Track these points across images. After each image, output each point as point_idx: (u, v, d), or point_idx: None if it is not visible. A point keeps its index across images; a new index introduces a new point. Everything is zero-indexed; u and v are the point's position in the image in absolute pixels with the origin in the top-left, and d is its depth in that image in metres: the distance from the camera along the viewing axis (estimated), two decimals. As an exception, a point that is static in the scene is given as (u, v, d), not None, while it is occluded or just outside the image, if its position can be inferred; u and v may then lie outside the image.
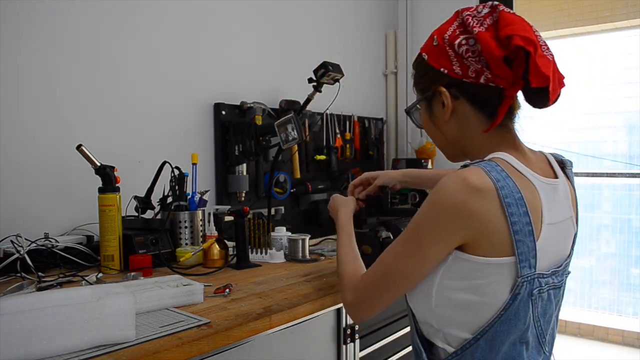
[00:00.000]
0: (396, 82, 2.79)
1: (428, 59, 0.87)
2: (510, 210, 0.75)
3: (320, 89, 1.65)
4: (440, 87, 0.86)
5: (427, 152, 2.54)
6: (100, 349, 0.78)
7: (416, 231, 0.80)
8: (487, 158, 0.82)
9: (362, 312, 0.91)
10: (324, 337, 1.29)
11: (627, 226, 3.32)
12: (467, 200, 0.74)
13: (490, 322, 0.79)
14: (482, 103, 0.84)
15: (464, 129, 0.88)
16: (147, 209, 1.54)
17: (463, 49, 0.82)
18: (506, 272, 0.77)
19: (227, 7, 1.96)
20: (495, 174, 0.76)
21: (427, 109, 0.92)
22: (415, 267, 0.81)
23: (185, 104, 1.82)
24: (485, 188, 0.74)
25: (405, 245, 0.82)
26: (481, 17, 0.82)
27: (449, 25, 0.87)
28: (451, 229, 0.76)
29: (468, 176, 0.75)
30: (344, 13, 2.54)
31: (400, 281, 0.83)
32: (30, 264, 1.23)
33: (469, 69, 0.82)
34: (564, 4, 3.32)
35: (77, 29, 1.53)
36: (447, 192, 0.76)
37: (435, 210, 0.77)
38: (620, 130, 3.32)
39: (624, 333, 3.26)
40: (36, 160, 1.45)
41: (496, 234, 0.75)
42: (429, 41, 0.89)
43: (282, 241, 1.60)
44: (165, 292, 1.01)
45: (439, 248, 0.78)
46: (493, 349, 0.80)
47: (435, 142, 0.97)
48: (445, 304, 0.81)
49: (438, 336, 0.86)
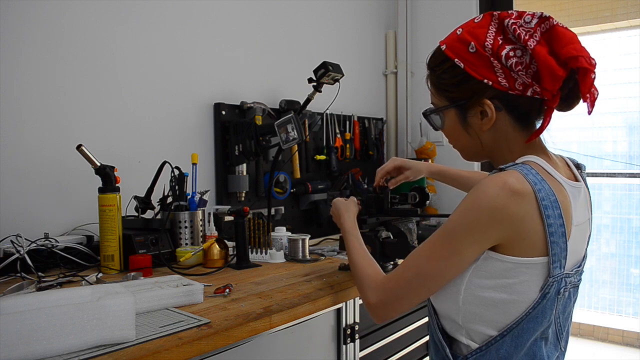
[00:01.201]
0: (396, 82, 2.79)
1: (465, 67, 0.83)
2: (547, 213, 0.77)
3: (320, 89, 1.65)
4: (485, 99, 0.83)
5: (427, 152, 2.54)
6: (100, 349, 0.78)
7: (451, 233, 0.80)
8: (520, 161, 0.83)
9: (388, 312, 0.90)
10: (324, 337, 1.29)
11: (627, 226, 3.32)
12: (507, 204, 0.76)
13: (518, 319, 0.81)
14: (522, 114, 0.85)
15: (499, 138, 0.87)
16: (147, 209, 1.54)
17: (512, 61, 0.79)
18: (537, 272, 0.79)
19: (227, 7, 1.96)
20: (532, 177, 0.78)
21: (460, 116, 0.88)
22: (448, 269, 0.82)
23: (185, 104, 1.82)
24: (524, 191, 0.76)
25: (439, 247, 0.82)
26: (530, 28, 0.79)
27: (484, 29, 0.82)
28: (489, 232, 0.78)
29: (508, 180, 0.77)
30: (344, 13, 2.54)
31: (432, 282, 0.84)
32: (30, 264, 1.23)
33: (516, 81, 0.80)
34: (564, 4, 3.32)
35: (77, 29, 1.53)
36: (487, 196, 0.77)
37: (474, 213, 0.78)
38: (620, 130, 3.32)
39: (624, 333, 3.26)
40: (36, 161, 1.45)
41: (532, 235, 0.78)
42: (460, 46, 0.84)
43: (282, 241, 1.60)
44: (165, 292, 1.01)
45: (474, 249, 0.80)
46: (518, 345, 0.82)
47: (458, 146, 0.95)
48: (472, 302, 0.83)
49: (461, 332, 0.87)
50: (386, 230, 1.32)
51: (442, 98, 0.90)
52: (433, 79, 0.90)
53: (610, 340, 3.30)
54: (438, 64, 0.88)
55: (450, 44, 0.86)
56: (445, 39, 0.88)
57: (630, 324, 3.27)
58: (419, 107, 2.71)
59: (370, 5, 2.71)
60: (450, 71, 0.85)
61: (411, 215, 1.40)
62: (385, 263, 1.34)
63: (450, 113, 0.89)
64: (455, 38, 0.85)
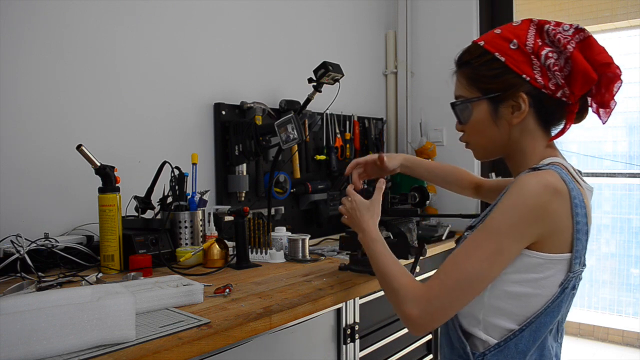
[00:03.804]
0: (396, 82, 2.79)
1: (506, 61, 0.88)
2: (577, 211, 0.83)
3: (320, 89, 1.65)
4: (522, 92, 0.87)
5: (427, 152, 2.54)
6: (100, 349, 0.78)
7: (496, 231, 0.82)
8: (547, 162, 0.88)
9: (433, 323, 0.86)
10: (324, 337, 1.29)
11: (627, 226, 3.32)
12: (550, 201, 0.80)
13: (537, 313, 0.85)
14: (547, 114, 0.90)
15: (525, 134, 0.91)
16: (147, 209, 1.54)
17: (550, 61, 0.85)
18: (561, 268, 0.84)
19: (227, 7, 1.96)
20: (565, 177, 0.83)
21: (492, 108, 0.91)
22: (492, 268, 0.83)
23: (185, 104, 1.82)
24: (562, 190, 0.82)
25: (482, 247, 0.82)
26: (568, 36, 0.86)
27: (524, 31, 0.88)
28: (532, 229, 0.81)
29: (550, 178, 0.82)
30: (344, 13, 2.54)
31: (476, 283, 0.84)
32: (30, 264, 1.23)
33: (550, 81, 0.86)
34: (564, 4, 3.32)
35: (77, 28, 1.53)
36: (531, 194, 0.80)
37: (520, 211, 0.81)
38: (620, 130, 3.31)
39: (624, 333, 3.26)
40: (36, 160, 1.45)
41: (563, 232, 0.83)
42: (501, 42, 0.89)
43: (282, 241, 1.60)
44: (165, 292, 1.01)
45: (517, 247, 0.83)
46: (535, 339, 0.86)
47: (479, 140, 0.96)
48: (498, 296, 0.86)
49: (478, 327, 0.89)
50: (386, 230, 1.32)
51: (474, 90, 0.93)
52: (468, 71, 0.93)
53: (610, 340, 3.30)
54: (475, 57, 0.92)
55: (489, 40, 0.91)
56: (482, 37, 0.94)
57: (630, 324, 3.27)
58: (419, 107, 2.71)
59: (370, 5, 2.71)
60: (489, 64, 0.90)
61: (411, 215, 1.40)
62: (385, 263, 1.34)
63: (482, 104, 0.92)
64: (494, 36, 0.91)
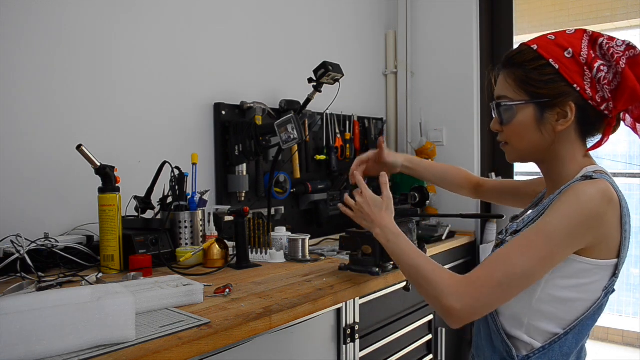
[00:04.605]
0: (396, 82, 2.79)
1: (560, 69, 0.88)
2: (625, 220, 0.85)
3: (320, 89, 1.65)
4: (571, 101, 0.88)
5: (427, 152, 2.54)
6: (100, 349, 0.78)
7: (552, 236, 0.82)
8: (592, 170, 0.89)
9: (474, 316, 0.86)
10: (324, 337, 1.29)
11: (627, 226, 3.32)
12: (605, 211, 0.82)
13: (581, 317, 0.87)
14: (588, 124, 0.91)
15: (562, 142, 0.92)
16: (147, 209, 1.54)
17: (601, 75, 0.86)
18: (607, 273, 0.87)
19: (227, 7, 1.96)
20: (615, 186, 0.86)
21: (538, 113, 0.91)
22: (540, 270, 0.84)
23: (185, 104, 1.82)
24: (615, 199, 0.84)
25: (536, 249, 0.83)
26: (620, 52, 0.87)
27: (579, 41, 0.89)
28: (585, 237, 0.83)
29: (605, 188, 0.83)
30: (344, 13, 2.54)
31: (524, 282, 0.84)
32: (30, 264, 1.23)
33: (597, 93, 0.88)
34: (564, 3, 3.32)
35: (76, 28, 1.53)
36: (590, 203, 0.82)
37: (578, 219, 0.82)
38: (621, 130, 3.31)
39: (624, 333, 3.26)
40: (36, 160, 1.45)
41: (612, 240, 0.85)
42: (556, 49, 0.89)
43: (282, 241, 1.60)
44: (165, 292, 1.01)
45: (567, 253, 0.84)
46: (578, 342, 0.88)
47: (518, 143, 0.96)
48: (545, 300, 0.87)
49: (522, 330, 0.90)
50: (386, 230, 1.32)
51: (521, 92, 0.92)
52: (519, 73, 0.92)
53: (610, 340, 3.30)
54: (528, 60, 0.91)
55: (543, 45, 0.91)
56: (534, 40, 0.93)
57: (630, 324, 3.27)
58: (419, 107, 2.71)
59: (370, 5, 2.71)
60: (542, 69, 0.90)
61: (411, 215, 1.40)
62: (385, 263, 1.34)
63: (528, 108, 0.92)
64: (548, 41, 0.91)
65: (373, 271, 1.32)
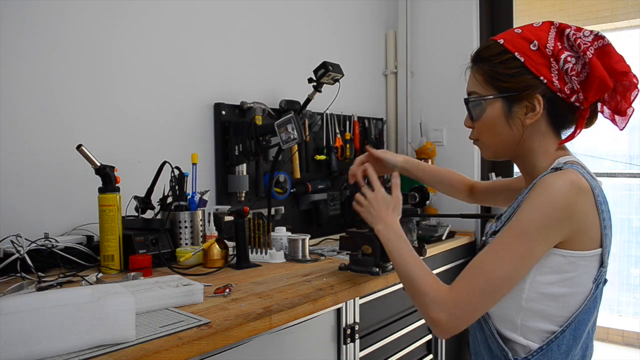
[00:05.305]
0: (396, 82, 2.79)
1: (525, 62, 0.88)
2: (602, 208, 0.84)
3: (320, 89, 1.65)
4: (538, 94, 0.88)
5: (427, 152, 2.54)
6: (100, 349, 0.78)
7: (525, 232, 0.82)
8: (563, 162, 0.88)
9: (460, 327, 0.85)
10: (324, 337, 1.29)
11: (627, 226, 3.32)
12: (575, 200, 0.81)
13: (576, 312, 0.85)
14: (559, 117, 0.91)
15: (536, 135, 0.92)
16: (147, 209, 1.54)
17: (568, 66, 0.86)
18: (593, 264, 0.85)
19: (227, 7, 1.96)
20: (586, 175, 0.84)
21: (506, 107, 0.91)
22: (520, 269, 0.83)
23: (185, 104, 1.82)
24: (586, 188, 0.83)
25: (511, 249, 0.82)
26: (588, 42, 0.86)
27: (545, 33, 0.88)
28: (560, 229, 0.82)
29: (573, 178, 0.82)
30: (344, 13, 2.54)
31: (506, 285, 0.83)
32: (30, 264, 1.23)
33: (566, 85, 0.87)
34: (564, 3, 3.32)
35: (76, 28, 1.53)
36: (558, 194, 0.81)
37: (548, 211, 0.81)
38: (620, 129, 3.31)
39: (624, 333, 3.26)
40: (36, 161, 1.45)
41: (591, 229, 0.84)
42: (522, 42, 0.89)
43: (282, 241, 1.60)
44: (165, 292, 1.01)
45: (544, 247, 0.83)
46: (576, 338, 0.86)
47: (489, 139, 0.96)
48: (535, 299, 0.86)
49: (517, 333, 0.89)
50: (386, 230, 1.32)
51: (489, 87, 0.92)
52: (485, 68, 0.93)
53: (610, 340, 3.29)
54: (495, 55, 0.91)
55: (509, 39, 0.91)
56: (501, 35, 0.93)
57: (630, 324, 3.27)
58: (419, 107, 2.71)
59: (370, 5, 2.71)
60: (508, 63, 0.90)
61: (411, 215, 1.40)
62: (385, 263, 1.34)
63: (496, 103, 0.92)
64: (514, 35, 0.91)
65: (373, 271, 1.32)
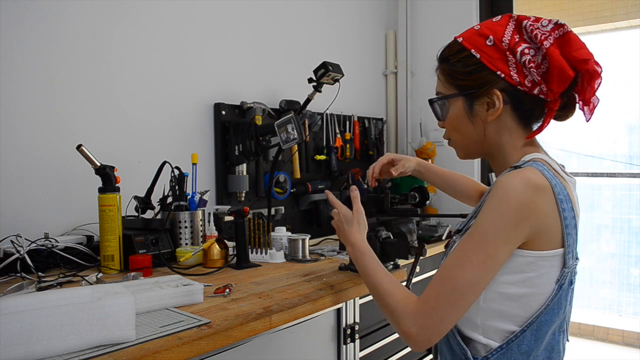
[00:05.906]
0: (396, 82, 2.79)
1: (481, 58, 0.87)
2: (563, 206, 0.82)
3: (320, 89, 1.65)
4: (496, 90, 0.86)
5: (427, 152, 2.54)
6: (100, 349, 0.78)
7: (484, 237, 0.80)
8: (528, 159, 0.86)
9: (432, 338, 0.84)
10: (324, 337, 1.29)
11: (627, 226, 3.32)
12: (533, 199, 0.79)
13: (537, 313, 0.83)
14: (524, 111, 0.89)
15: (502, 131, 0.90)
16: (147, 209, 1.54)
17: (526, 58, 0.84)
18: (555, 264, 0.83)
19: (227, 7, 1.96)
20: (547, 173, 0.82)
21: (467, 105, 0.91)
22: (484, 274, 0.81)
23: (185, 104, 1.82)
24: (544, 186, 0.80)
25: (473, 254, 0.81)
26: (546, 32, 0.84)
27: (502, 27, 0.87)
28: (519, 229, 0.80)
29: (530, 175, 0.80)
30: (344, 13, 2.54)
31: (471, 292, 0.82)
32: (30, 264, 1.23)
33: (526, 78, 0.85)
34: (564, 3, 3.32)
35: (76, 28, 1.53)
36: (514, 192, 0.79)
37: (504, 212, 0.79)
38: (620, 130, 3.32)
39: (624, 333, 3.26)
40: (36, 161, 1.45)
41: (552, 229, 0.82)
42: (478, 39, 0.88)
43: (282, 241, 1.60)
44: (165, 292, 1.01)
45: (507, 249, 0.81)
46: (538, 339, 0.84)
47: (457, 138, 0.96)
48: (494, 298, 0.85)
49: (478, 332, 0.88)
50: (386, 230, 1.32)
51: (451, 87, 0.92)
52: (445, 67, 0.93)
53: (610, 340, 3.30)
54: (453, 54, 0.91)
55: (467, 37, 0.90)
56: (462, 33, 0.92)
57: (630, 324, 3.27)
58: (419, 107, 2.71)
59: (370, 5, 2.71)
60: (465, 61, 0.89)
61: (411, 215, 1.40)
62: (385, 263, 1.34)
63: (458, 101, 0.92)
64: (473, 32, 0.90)
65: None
